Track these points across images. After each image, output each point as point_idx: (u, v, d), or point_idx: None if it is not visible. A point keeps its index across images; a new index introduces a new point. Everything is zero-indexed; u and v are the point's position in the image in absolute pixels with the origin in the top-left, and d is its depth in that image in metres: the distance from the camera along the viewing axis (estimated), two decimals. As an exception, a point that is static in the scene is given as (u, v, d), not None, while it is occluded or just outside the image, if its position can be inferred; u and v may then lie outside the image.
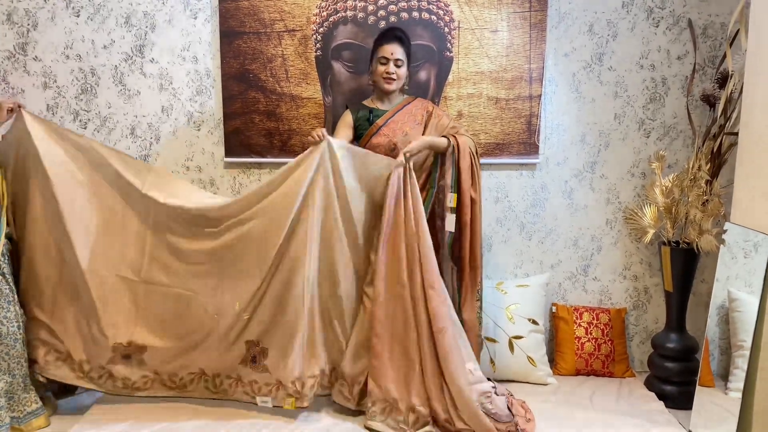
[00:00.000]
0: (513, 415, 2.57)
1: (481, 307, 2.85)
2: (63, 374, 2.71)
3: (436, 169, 2.79)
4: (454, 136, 2.74)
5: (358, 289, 2.72)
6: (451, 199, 2.72)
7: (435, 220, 2.79)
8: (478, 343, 2.83)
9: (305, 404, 2.63)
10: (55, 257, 2.67)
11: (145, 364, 2.72)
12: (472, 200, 2.75)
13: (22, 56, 3.14)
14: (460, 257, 2.78)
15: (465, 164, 2.71)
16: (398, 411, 2.56)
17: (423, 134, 2.80)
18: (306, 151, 2.60)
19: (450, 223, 2.73)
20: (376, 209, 2.68)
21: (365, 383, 2.65)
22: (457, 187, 2.72)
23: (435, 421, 2.57)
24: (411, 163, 2.65)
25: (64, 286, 2.70)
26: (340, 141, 2.70)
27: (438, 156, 2.79)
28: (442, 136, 2.76)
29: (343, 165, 2.61)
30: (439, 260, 2.69)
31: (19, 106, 2.59)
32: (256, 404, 2.68)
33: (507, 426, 2.52)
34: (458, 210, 2.73)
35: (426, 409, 2.56)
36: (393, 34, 2.79)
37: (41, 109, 3.16)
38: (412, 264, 2.60)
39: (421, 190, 2.72)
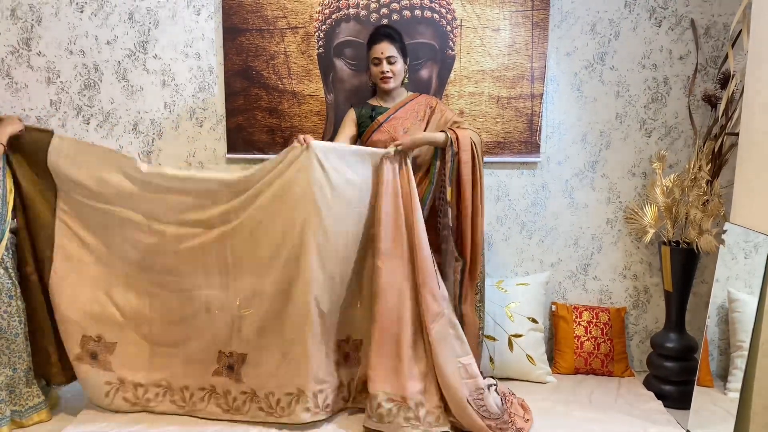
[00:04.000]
0: (504, 411, 2.56)
1: (481, 301, 2.84)
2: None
3: (435, 163, 2.77)
4: (453, 130, 2.72)
5: (358, 286, 2.72)
6: (448, 193, 2.71)
7: (435, 217, 2.78)
8: (476, 337, 2.81)
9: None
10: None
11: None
12: (474, 194, 2.73)
13: (26, 51, 3.15)
14: (461, 251, 2.76)
15: (465, 157, 2.69)
16: (407, 408, 2.56)
17: (425, 130, 2.79)
18: (290, 153, 2.56)
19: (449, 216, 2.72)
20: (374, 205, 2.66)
21: (362, 383, 2.67)
22: (457, 181, 2.70)
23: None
24: (410, 157, 2.65)
25: None
26: (323, 143, 2.67)
27: (438, 150, 2.76)
28: (441, 131, 2.74)
29: (332, 165, 2.57)
30: (441, 258, 2.70)
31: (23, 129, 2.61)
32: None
33: (498, 423, 2.53)
34: (458, 203, 2.72)
35: (435, 403, 2.57)
36: (380, 32, 2.79)
37: (44, 104, 3.17)
38: (411, 259, 2.61)
39: (419, 185, 2.71)
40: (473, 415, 2.50)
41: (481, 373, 2.66)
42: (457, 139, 2.70)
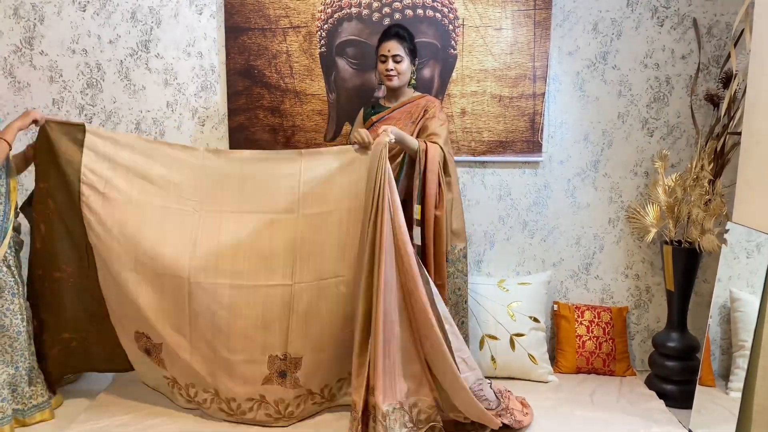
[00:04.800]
0: (500, 402, 2.57)
1: (462, 271, 2.81)
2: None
3: (401, 172, 2.69)
4: (426, 142, 2.65)
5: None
6: (416, 211, 2.62)
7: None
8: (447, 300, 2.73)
9: None
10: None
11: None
12: (436, 218, 2.64)
13: (28, 50, 3.15)
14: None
15: (432, 176, 2.61)
16: (403, 410, 2.54)
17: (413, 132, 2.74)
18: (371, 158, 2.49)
19: (416, 235, 2.60)
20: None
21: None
22: (422, 199, 2.62)
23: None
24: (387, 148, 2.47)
25: None
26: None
27: (406, 157, 2.69)
28: (419, 138, 2.68)
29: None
30: None
31: (41, 121, 2.58)
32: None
33: (497, 410, 2.54)
34: (422, 223, 2.63)
35: (428, 403, 2.55)
36: (391, 31, 2.78)
37: (47, 103, 3.18)
38: (400, 260, 2.49)
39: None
40: (478, 404, 2.48)
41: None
42: (426, 153, 2.62)
